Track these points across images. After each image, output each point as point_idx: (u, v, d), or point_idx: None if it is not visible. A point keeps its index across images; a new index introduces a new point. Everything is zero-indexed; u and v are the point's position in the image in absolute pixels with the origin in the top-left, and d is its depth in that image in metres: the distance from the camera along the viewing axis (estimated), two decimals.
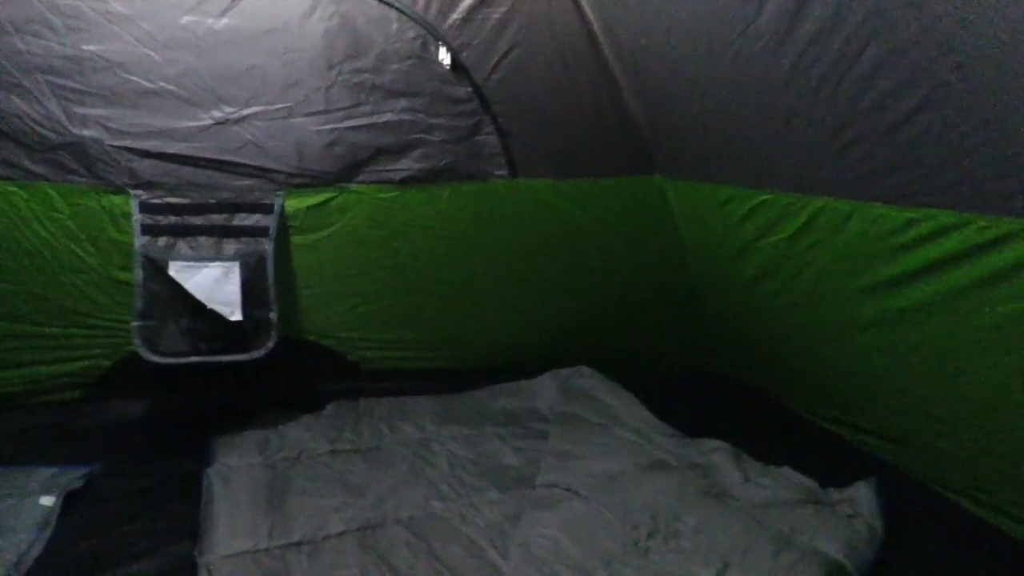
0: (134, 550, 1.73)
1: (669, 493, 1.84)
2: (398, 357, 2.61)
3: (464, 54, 2.20)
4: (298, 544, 1.74)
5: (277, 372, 2.38)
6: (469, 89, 2.24)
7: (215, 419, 2.26)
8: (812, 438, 2.30)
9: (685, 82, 2.01)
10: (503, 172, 2.35)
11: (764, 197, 2.02)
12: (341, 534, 1.78)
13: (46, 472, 2.03)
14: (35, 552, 1.67)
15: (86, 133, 1.95)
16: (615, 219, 2.53)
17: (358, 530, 1.79)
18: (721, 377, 2.80)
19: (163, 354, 2.01)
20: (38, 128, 1.93)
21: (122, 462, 2.12)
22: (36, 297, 2.14)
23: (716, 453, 2.03)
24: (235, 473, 2.01)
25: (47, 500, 1.86)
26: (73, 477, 2.00)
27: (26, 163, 1.96)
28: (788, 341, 2.29)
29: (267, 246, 2.14)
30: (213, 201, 2.11)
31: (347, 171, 2.23)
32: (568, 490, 1.87)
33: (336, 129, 2.16)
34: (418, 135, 2.23)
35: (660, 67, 2.08)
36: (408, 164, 2.26)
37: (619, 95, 2.35)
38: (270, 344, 2.11)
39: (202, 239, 2.09)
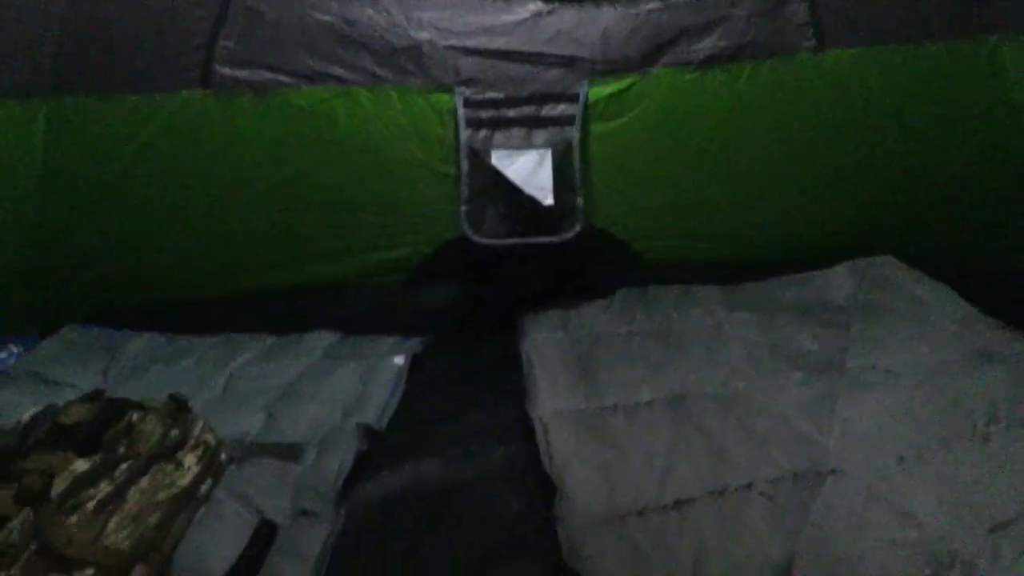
0: (469, 407, 1.98)
1: (1006, 383, 1.69)
2: (683, 247, 2.63)
3: None
4: (613, 408, 1.87)
5: (570, 260, 2.53)
6: None
7: (520, 301, 2.48)
8: None
9: None
10: (810, 44, 2.22)
11: None
12: (651, 402, 1.89)
13: (388, 341, 2.39)
14: (393, 403, 1.98)
15: (422, 36, 2.18)
16: (934, 91, 2.29)
17: (667, 400, 1.89)
18: None
19: (486, 236, 2.24)
20: (384, 34, 2.19)
21: (446, 337, 2.43)
22: (372, 190, 2.45)
23: None
24: (546, 346, 2.21)
25: (398, 360, 2.19)
26: (414, 344, 2.33)
27: (373, 68, 2.24)
28: None
29: (573, 134, 2.25)
30: (525, 94, 2.25)
31: (649, 55, 2.24)
32: (888, 372, 1.79)
33: (640, 13, 2.18)
34: (723, 12, 2.17)
35: None
36: (711, 43, 2.21)
37: None
38: (577, 228, 2.26)
39: (515, 130, 2.26)
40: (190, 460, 1.54)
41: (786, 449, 1.58)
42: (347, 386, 2.00)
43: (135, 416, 1.51)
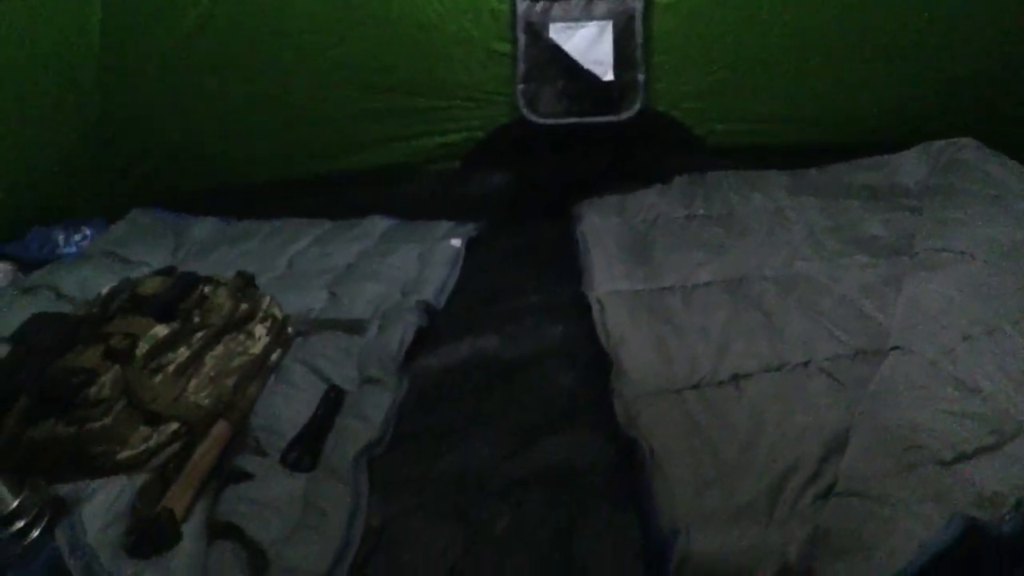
0: (526, 287, 2.01)
1: None
2: (745, 131, 2.54)
3: None
4: (670, 288, 1.87)
5: (628, 143, 2.46)
6: None
7: (576, 187, 2.45)
8: None
9: None
10: None
11: None
12: (708, 284, 1.88)
13: (444, 225, 2.40)
14: (451, 283, 2.02)
15: None
16: None
17: (724, 281, 1.88)
18: None
19: (543, 115, 2.18)
20: None
21: (500, 221, 2.42)
22: (427, 72, 2.40)
23: None
24: (603, 230, 2.19)
25: (456, 242, 2.21)
26: (469, 228, 2.34)
27: None
28: None
29: (636, 4, 2.13)
30: None
31: None
32: (961, 253, 1.72)
33: None
34: None
35: None
36: None
37: None
38: (637, 106, 2.18)
39: (574, 1, 2.14)
40: (260, 331, 1.61)
41: (848, 328, 1.57)
42: (406, 266, 2.03)
43: (207, 289, 1.58)
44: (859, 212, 2.14)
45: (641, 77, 2.18)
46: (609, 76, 2.14)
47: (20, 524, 1.10)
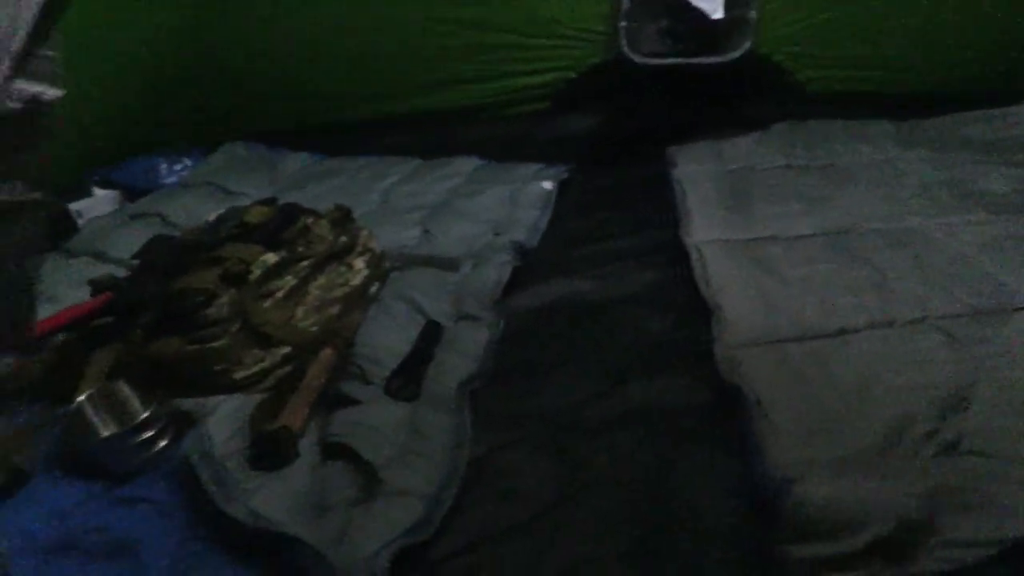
0: (618, 231, 1.98)
1: None
2: (850, 78, 2.42)
3: None
4: (772, 239, 1.81)
5: (728, 87, 2.37)
6: None
7: (669, 131, 2.38)
8: None
9: None
10: None
11: None
12: (811, 235, 1.81)
13: (533, 167, 2.37)
14: (542, 224, 2.00)
15: None
16: None
17: (828, 233, 1.81)
18: None
19: (645, 55, 2.11)
20: None
21: (591, 165, 2.38)
22: (522, 7, 2.35)
23: None
24: (699, 176, 2.13)
25: (547, 184, 2.19)
26: (560, 171, 2.31)
27: None
28: None
29: None
30: None
31: None
32: None
33: None
34: None
35: None
36: None
37: None
38: (746, 45, 2.08)
39: None
40: (359, 264, 1.64)
41: (966, 286, 1.50)
42: (497, 207, 2.03)
43: (309, 220, 1.61)
44: (974, 166, 2.03)
45: (754, 14, 2.07)
46: (719, 14, 2.04)
47: (149, 434, 1.17)
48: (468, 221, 1.95)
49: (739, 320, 1.45)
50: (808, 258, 1.69)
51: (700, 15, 2.07)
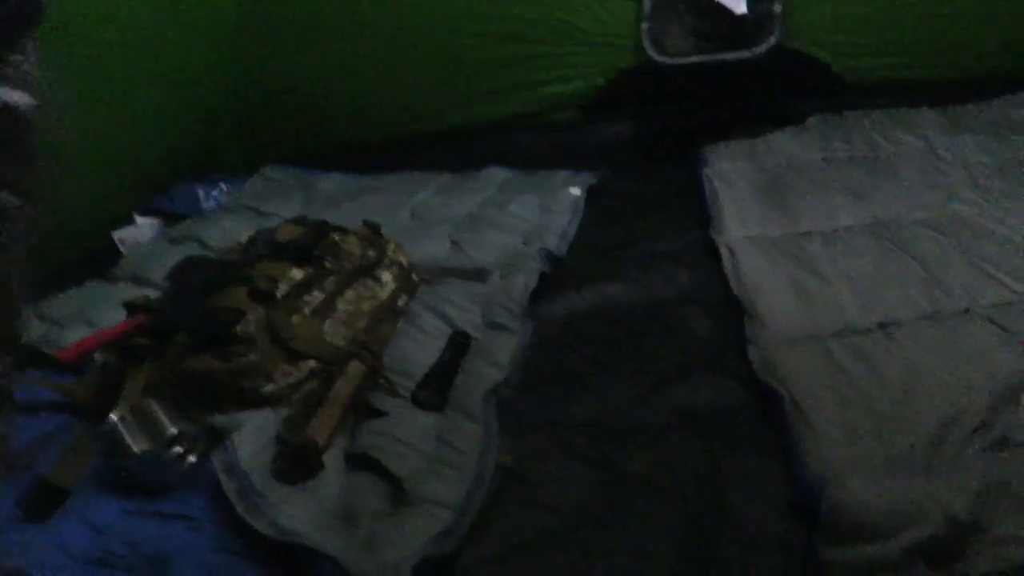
0: (651, 234, 1.94)
1: None
2: (888, 66, 2.34)
3: None
4: (808, 233, 1.76)
5: (760, 82, 2.31)
6: None
7: (701, 131, 2.33)
8: None
9: None
10: None
11: None
12: (851, 228, 1.75)
13: (562, 174, 2.35)
14: (572, 230, 1.98)
15: None
16: None
17: (869, 226, 1.74)
18: None
19: (670, 55, 2.08)
20: None
21: (623, 169, 2.35)
22: (548, 16, 2.35)
23: None
24: (732, 174, 2.08)
25: (575, 190, 2.17)
26: (587, 176, 2.29)
27: None
28: None
29: None
30: None
31: None
32: None
33: None
34: None
35: None
36: None
37: None
38: (773, 39, 2.03)
39: None
40: (387, 277, 1.64)
41: (1017, 274, 1.42)
42: (526, 215, 2.01)
43: (337, 236, 1.62)
44: None
45: (778, 7, 2.02)
46: (742, 8, 2.00)
47: (179, 449, 1.18)
48: (498, 231, 1.94)
49: (775, 318, 1.41)
50: (849, 251, 1.64)
51: (724, 11, 2.02)
